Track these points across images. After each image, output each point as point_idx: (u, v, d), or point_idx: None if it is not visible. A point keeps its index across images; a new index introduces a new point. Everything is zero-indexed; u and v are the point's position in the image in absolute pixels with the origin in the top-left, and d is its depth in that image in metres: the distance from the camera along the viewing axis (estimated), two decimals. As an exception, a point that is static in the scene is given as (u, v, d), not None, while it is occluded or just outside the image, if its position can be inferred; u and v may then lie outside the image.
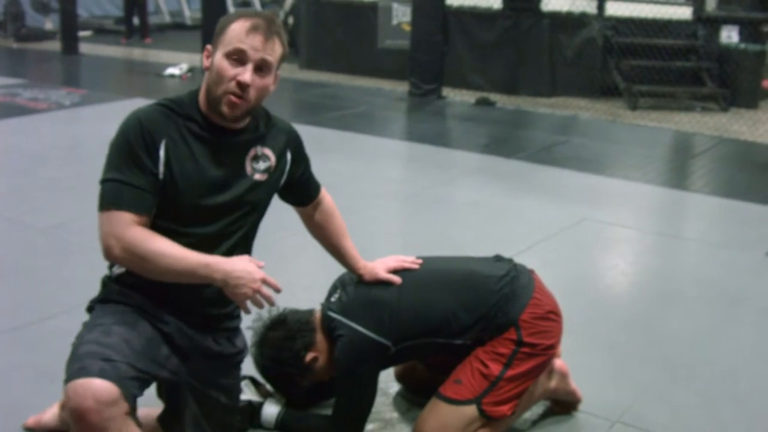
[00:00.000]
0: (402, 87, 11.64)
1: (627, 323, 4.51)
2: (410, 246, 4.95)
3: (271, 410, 3.12)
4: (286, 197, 3.07)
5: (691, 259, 5.69)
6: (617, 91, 11.56)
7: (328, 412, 3.15)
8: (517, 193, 6.99)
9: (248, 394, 3.16)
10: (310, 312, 3.18)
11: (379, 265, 3.15)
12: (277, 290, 2.58)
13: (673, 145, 9.57)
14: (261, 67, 2.64)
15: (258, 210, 2.87)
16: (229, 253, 2.70)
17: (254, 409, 3.12)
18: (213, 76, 2.65)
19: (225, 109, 2.63)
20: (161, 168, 2.60)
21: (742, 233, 6.11)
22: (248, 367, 3.18)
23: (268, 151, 2.85)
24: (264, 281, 2.54)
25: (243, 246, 2.84)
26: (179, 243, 2.59)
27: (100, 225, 2.61)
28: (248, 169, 2.79)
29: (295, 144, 3.00)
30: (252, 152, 2.80)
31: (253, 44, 2.61)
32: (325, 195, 3.23)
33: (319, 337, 3.08)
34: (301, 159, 3.05)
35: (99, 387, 2.38)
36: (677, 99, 11.58)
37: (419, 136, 9.16)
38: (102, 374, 2.41)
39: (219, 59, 2.63)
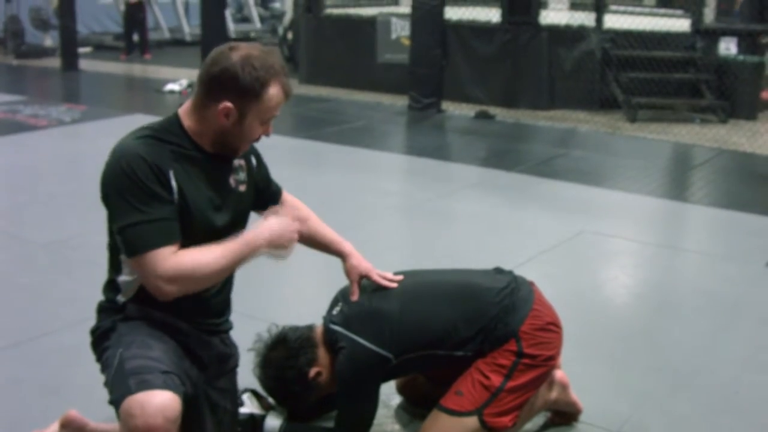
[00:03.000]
0: (401, 101, 11.66)
1: (626, 334, 4.52)
2: (410, 259, 4.97)
3: (273, 423, 3.12)
4: (256, 204, 3.02)
5: (690, 271, 5.69)
6: (616, 104, 11.58)
7: (331, 424, 3.15)
8: (517, 205, 7.00)
9: (250, 407, 3.16)
10: (310, 328, 3.18)
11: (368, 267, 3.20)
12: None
13: (673, 157, 9.59)
14: None
15: (245, 221, 2.91)
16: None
17: (256, 422, 3.12)
18: (237, 134, 2.68)
19: (239, 152, 2.78)
20: (176, 197, 2.60)
21: (741, 244, 6.11)
22: (250, 379, 3.19)
23: (241, 162, 2.89)
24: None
25: None
26: None
27: (140, 270, 2.57)
28: (232, 183, 2.82)
29: (254, 148, 3.00)
30: (231, 166, 2.85)
31: (273, 105, 2.69)
32: (287, 194, 3.25)
33: (322, 352, 3.09)
34: (261, 161, 3.07)
35: (167, 402, 2.38)
36: (676, 111, 11.60)
37: (419, 150, 9.18)
38: (166, 386, 2.42)
39: (253, 122, 2.67)
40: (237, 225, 2.81)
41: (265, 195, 3.07)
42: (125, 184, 2.55)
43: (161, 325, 2.71)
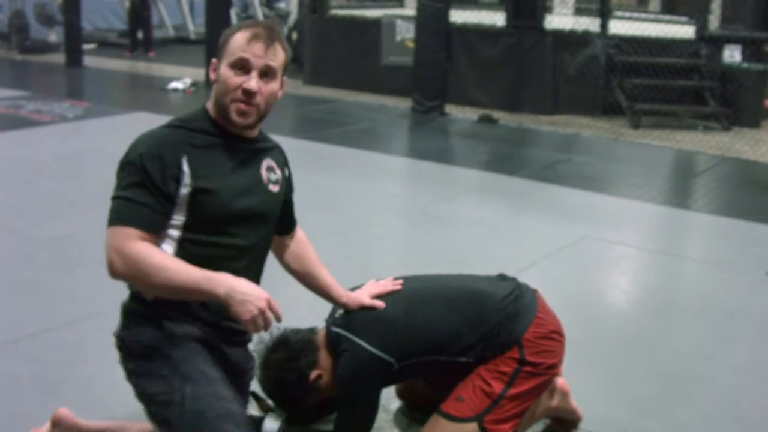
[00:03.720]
0: (405, 103, 11.67)
1: (627, 341, 4.51)
2: (411, 263, 4.96)
3: (271, 426, 3.11)
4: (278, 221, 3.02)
5: (691, 278, 5.69)
6: (620, 110, 11.59)
7: (330, 428, 3.15)
8: (519, 210, 6.99)
9: (249, 408, 3.15)
10: (312, 330, 3.17)
11: (361, 292, 3.14)
12: (278, 319, 2.54)
13: (675, 164, 9.58)
14: (266, 73, 2.68)
15: (271, 224, 2.90)
16: (251, 266, 2.79)
17: (254, 423, 3.11)
18: (220, 87, 2.69)
19: (235, 117, 2.68)
20: (188, 181, 2.61)
21: (743, 252, 6.11)
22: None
23: (275, 165, 2.90)
24: (269, 303, 2.49)
25: (261, 261, 2.90)
26: (207, 253, 2.64)
27: (106, 241, 2.57)
28: (264, 177, 2.83)
29: (288, 164, 3.05)
30: (265, 162, 2.86)
31: (255, 52, 2.65)
32: (299, 229, 3.24)
33: (323, 355, 3.08)
34: (291, 180, 3.10)
35: None
36: (679, 118, 11.61)
37: (421, 153, 9.18)
38: None
39: (224, 70, 2.68)
40: (260, 220, 2.81)
41: (286, 215, 3.08)
42: (130, 163, 2.62)
43: (203, 342, 2.71)
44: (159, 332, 2.68)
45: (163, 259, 2.54)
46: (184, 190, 2.61)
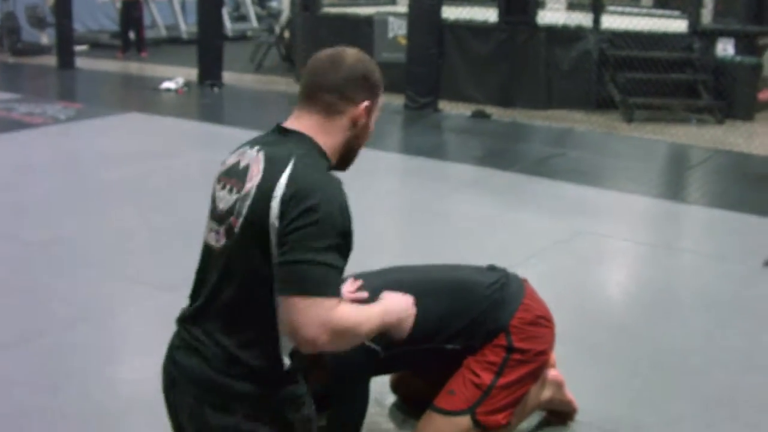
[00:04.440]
0: (398, 100, 11.64)
1: (623, 333, 4.51)
2: (405, 258, 4.96)
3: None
4: None
5: (687, 270, 5.68)
6: (613, 104, 11.59)
7: (322, 423, 3.14)
8: (514, 205, 6.99)
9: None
10: None
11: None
12: None
13: (669, 157, 9.59)
14: None
15: None
16: None
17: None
18: (363, 133, 2.48)
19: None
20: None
21: (738, 244, 6.12)
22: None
23: None
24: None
25: None
26: None
27: (298, 311, 2.15)
28: None
29: None
30: None
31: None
32: None
33: None
34: None
35: None
36: (673, 111, 11.61)
37: (415, 149, 9.18)
38: None
39: (374, 118, 2.51)
40: None
41: None
42: (338, 222, 2.24)
43: None
44: (292, 400, 2.36)
45: (355, 313, 2.32)
46: None
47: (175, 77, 12.95)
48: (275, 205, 2.19)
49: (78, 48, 16.00)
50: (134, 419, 3.45)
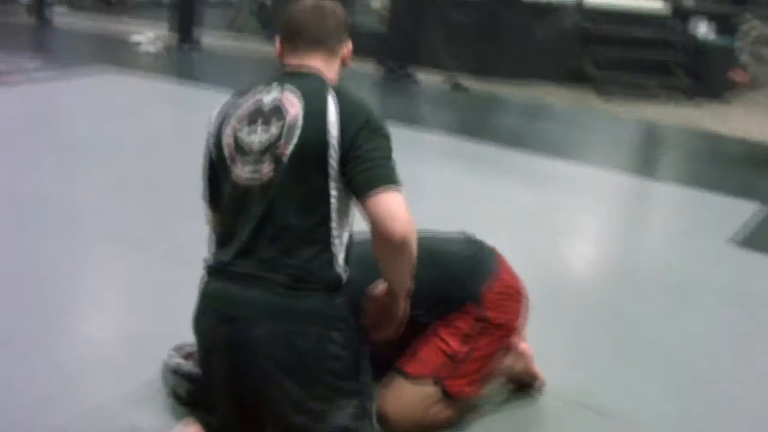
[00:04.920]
0: (377, 69, 11.63)
1: (590, 307, 4.55)
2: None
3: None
4: None
5: (654, 247, 5.74)
6: (589, 80, 11.64)
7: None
8: (487, 176, 7.01)
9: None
10: None
11: None
12: None
13: (643, 135, 9.66)
14: None
15: None
16: None
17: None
18: (344, 68, 2.87)
19: None
20: None
21: (706, 223, 6.20)
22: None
23: None
24: None
25: None
26: None
27: (391, 201, 2.45)
28: None
29: None
30: None
31: None
32: None
33: None
34: None
35: None
36: (648, 90, 11.66)
37: (392, 118, 9.12)
38: None
39: None
40: None
41: None
42: (387, 131, 2.64)
43: None
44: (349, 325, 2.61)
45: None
46: None
47: (152, 38, 12.84)
48: (332, 125, 2.47)
49: (57, 9, 15.81)
50: (99, 377, 3.46)
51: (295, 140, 2.47)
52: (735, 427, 3.49)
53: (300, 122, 2.48)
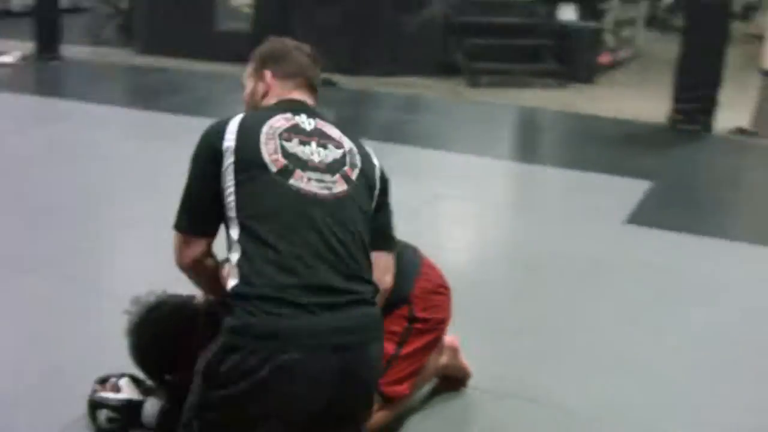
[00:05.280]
0: (243, 70, 11.35)
1: (499, 298, 4.45)
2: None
3: (152, 408, 2.91)
4: None
5: (551, 232, 5.63)
6: (458, 70, 11.65)
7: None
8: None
9: (127, 392, 2.94)
10: (192, 296, 2.96)
11: None
12: None
13: (519, 121, 9.70)
14: None
15: None
16: None
17: (134, 407, 2.91)
18: None
19: None
20: None
21: (597, 204, 6.19)
22: (127, 365, 3.00)
23: None
24: None
25: None
26: None
27: (393, 264, 2.81)
28: None
29: None
30: None
31: None
32: None
33: (203, 320, 2.87)
34: None
35: None
36: (517, 76, 11.73)
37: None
38: None
39: None
40: None
41: None
42: None
43: None
44: None
45: None
46: None
47: (10, 51, 12.31)
48: (377, 166, 2.73)
49: None
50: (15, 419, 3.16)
51: (358, 168, 2.61)
52: (662, 397, 3.46)
53: (357, 151, 2.66)
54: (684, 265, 5.04)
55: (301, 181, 2.46)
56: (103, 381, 2.98)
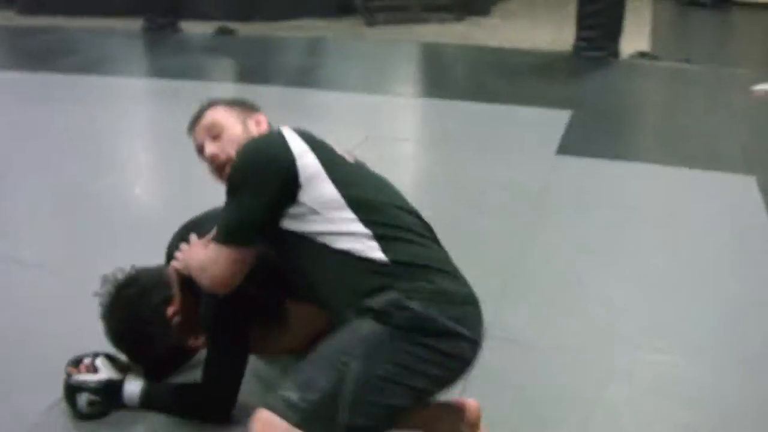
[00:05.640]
0: (136, 24, 10.97)
1: (446, 236, 4.36)
2: (171, 189, 4.69)
3: (133, 387, 2.75)
4: None
5: (487, 166, 5.54)
6: (354, 9, 11.51)
7: (191, 379, 2.82)
8: (289, 118, 6.53)
9: (105, 372, 2.76)
10: (163, 267, 2.80)
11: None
12: None
13: (426, 58, 9.63)
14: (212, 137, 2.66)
15: None
16: None
17: (114, 387, 2.74)
18: None
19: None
20: None
21: (522, 136, 6.17)
22: (102, 343, 2.82)
23: None
24: None
25: None
26: None
27: None
28: None
29: None
30: None
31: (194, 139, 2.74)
32: None
33: (177, 291, 2.72)
34: None
35: None
36: (414, 12, 11.64)
37: (165, 72, 8.60)
38: None
39: None
40: None
41: None
42: None
43: None
44: None
45: None
46: None
47: None
48: None
49: None
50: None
51: None
52: (621, 324, 3.45)
53: None
54: (622, 191, 5.06)
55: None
56: (76, 363, 2.79)
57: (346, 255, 2.26)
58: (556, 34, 9.18)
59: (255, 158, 2.39)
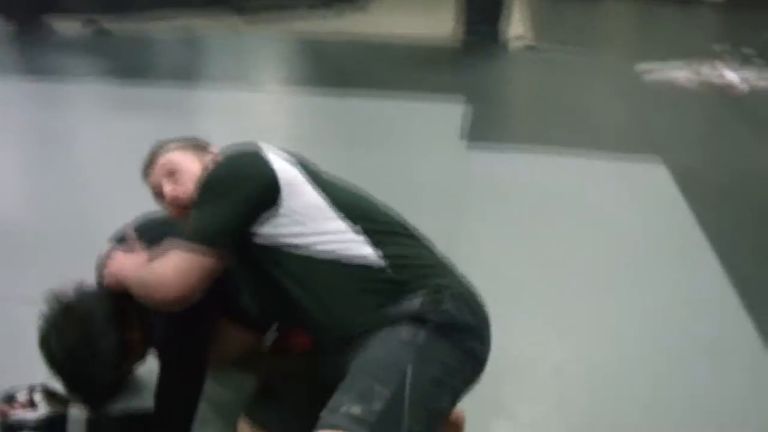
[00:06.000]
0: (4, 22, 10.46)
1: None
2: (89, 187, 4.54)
3: (78, 420, 2.48)
4: None
5: (398, 164, 5.40)
6: (229, 4, 11.37)
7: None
8: (175, 123, 6.07)
9: (44, 407, 2.49)
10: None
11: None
12: None
13: (309, 52, 9.52)
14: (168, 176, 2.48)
15: None
16: None
17: (58, 422, 2.47)
18: None
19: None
20: None
21: (423, 129, 6.10)
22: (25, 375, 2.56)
23: None
24: None
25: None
26: None
27: None
28: None
29: None
30: None
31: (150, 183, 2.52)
32: None
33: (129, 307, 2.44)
34: None
35: None
36: (289, 8, 11.58)
37: (33, 72, 8.18)
38: None
39: None
40: None
41: None
42: None
43: None
44: None
45: None
46: None
47: None
48: None
49: None
50: None
51: None
52: (559, 323, 3.47)
53: None
54: (539, 180, 5.09)
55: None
56: (9, 399, 2.52)
57: (349, 262, 2.15)
58: (437, 23, 9.23)
59: (234, 164, 2.25)
